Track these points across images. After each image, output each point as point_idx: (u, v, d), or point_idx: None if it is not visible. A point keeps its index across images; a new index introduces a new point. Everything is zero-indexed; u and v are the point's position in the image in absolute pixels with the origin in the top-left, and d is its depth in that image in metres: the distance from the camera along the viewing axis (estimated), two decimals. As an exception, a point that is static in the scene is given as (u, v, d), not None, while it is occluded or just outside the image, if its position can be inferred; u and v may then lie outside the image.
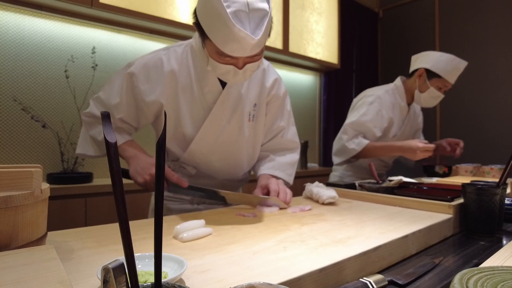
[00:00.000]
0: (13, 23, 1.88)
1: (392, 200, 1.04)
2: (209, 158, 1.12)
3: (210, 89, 1.05)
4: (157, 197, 0.31)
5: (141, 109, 1.06)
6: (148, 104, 1.03)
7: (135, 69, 1.03)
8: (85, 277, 0.48)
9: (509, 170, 0.86)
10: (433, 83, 1.76)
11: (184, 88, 1.05)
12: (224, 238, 0.68)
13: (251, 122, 1.14)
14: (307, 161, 3.10)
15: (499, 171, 1.81)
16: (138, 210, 1.98)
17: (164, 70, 1.03)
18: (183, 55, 1.07)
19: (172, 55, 1.06)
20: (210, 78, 1.04)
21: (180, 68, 1.05)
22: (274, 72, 1.22)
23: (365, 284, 0.53)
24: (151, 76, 1.03)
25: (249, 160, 1.20)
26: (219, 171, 1.16)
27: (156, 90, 1.03)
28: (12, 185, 0.49)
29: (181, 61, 1.06)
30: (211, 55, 0.93)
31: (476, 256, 0.71)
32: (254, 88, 1.14)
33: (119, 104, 1.04)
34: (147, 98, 1.03)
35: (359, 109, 1.81)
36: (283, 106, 1.23)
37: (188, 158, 1.11)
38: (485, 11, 3.30)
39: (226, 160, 1.15)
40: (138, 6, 2.05)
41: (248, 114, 1.12)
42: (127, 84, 1.03)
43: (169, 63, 1.04)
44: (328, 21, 3.38)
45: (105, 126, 0.29)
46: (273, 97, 1.19)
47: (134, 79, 1.02)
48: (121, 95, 1.03)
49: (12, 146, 1.87)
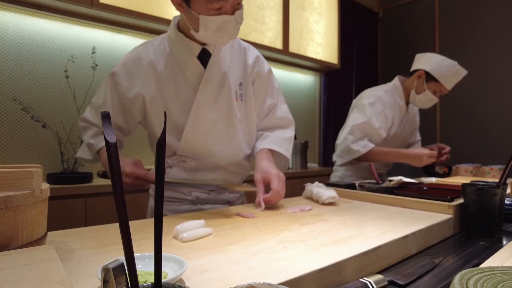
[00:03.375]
0: (13, 23, 1.88)
1: (392, 200, 1.04)
2: (206, 143, 1.10)
3: (192, 72, 1.07)
4: (157, 197, 0.31)
5: (126, 107, 1.08)
6: (132, 99, 1.06)
7: (116, 69, 1.08)
8: (85, 277, 0.48)
9: (509, 170, 0.86)
10: (429, 87, 1.78)
11: (166, 77, 1.06)
12: (224, 238, 0.68)
13: (240, 102, 1.14)
14: (307, 161, 3.10)
15: (499, 171, 1.81)
16: (138, 210, 1.98)
17: (142, 63, 1.06)
18: (160, 46, 1.09)
19: (149, 48, 1.09)
20: (191, 61, 1.06)
21: (158, 58, 1.07)
22: (255, 50, 1.23)
23: (365, 284, 0.53)
24: (131, 72, 1.07)
25: (248, 140, 1.19)
26: (219, 155, 1.12)
27: (137, 83, 1.06)
28: (12, 185, 0.49)
29: (159, 52, 1.08)
30: (201, 12, 0.94)
31: (476, 256, 0.71)
32: (236, 67, 1.15)
33: (104, 104, 1.07)
34: (129, 93, 1.06)
35: (362, 111, 1.80)
36: (270, 83, 1.23)
37: (185, 147, 1.09)
38: (485, 11, 3.30)
39: (224, 143, 1.12)
40: (138, 6, 2.06)
41: (235, 93, 1.13)
42: (110, 83, 1.08)
43: (147, 56, 1.07)
44: (328, 21, 3.38)
45: (105, 126, 0.28)
46: (257, 75, 1.19)
47: (116, 77, 1.07)
48: (106, 95, 1.07)
49: (12, 146, 1.87)
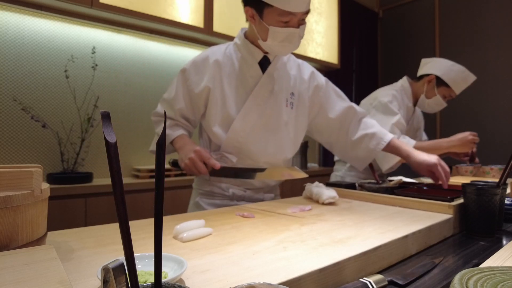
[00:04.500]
0: (13, 23, 1.88)
1: (392, 200, 1.04)
2: (249, 138, 1.18)
3: (252, 74, 1.19)
4: (157, 197, 0.31)
5: (193, 100, 1.19)
6: (199, 93, 1.17)
7: (186, 66, 1.21)
8: (85, 277, 0.48)
9: (509, 170, 0.86)
10: (440, 91, 1.78)
11: (228, 75, 1.18)
12: (224, 238, 0.68)
13: (290, 109, 1.24)
14: (307, 161, 3.10)
15: (499, 171, 1.81)
16: (138, 210, 1.98)
17: (209, 61, 1.18)
18: (226, 50, 1.22)
19: (216, 50, 1.22)
20: (253, 64, 1.19)
21: (224, 59, 1.20)
22: (309, 66, 1.36)
23: (365, 284, 0.53)
24: (199, 68, 1.19)
25: (291, 145, 1.26)
26: (259, 152, 1.20)
27: (204, 78, 1.17)
28: (12, 185, 0.49)
29: (225, 54, 1.21)
30: (271, 23, 1.06)
31: (476, 256, 0.71)
32: (290, 78, 1.27)
33: (176, 96, 1.19)
34: (197, 88, 1.17)
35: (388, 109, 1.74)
36: (333, 89, 1.36)
37: (231, 138, 1.17)
38: (485, 11, 3.30)
39: (266, 141, 1.20)
40: (138, 6, 2.06)
41: (286, 100, 1.23)
42: (181, 79, 1.20)
43: (214, 56, 1.19)
44: (328, 21, 3.38)
45: (105, 126, 0.28)
46: (317, 88, 1.31)
47: (186, 73, 1.19)
48: (177, 88, 1.20)
49: (12, 146, 1.87)
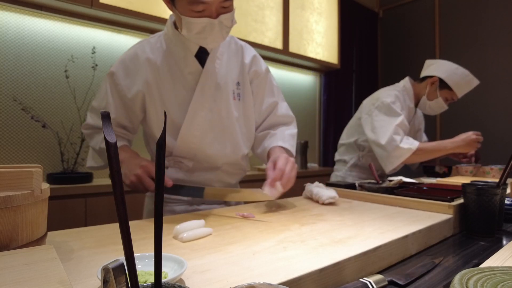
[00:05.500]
0: (13, 23, 1.88)
1: (392, 200, 1.04)
2: (203, 142, 1.09)
3: (190, 70, 1.06)
4: (157, 197, 0.31)
5: (128, 107, 1.07)
6: (132, 99, 1.05)
7: (114, 68, 1.06)
8: (85, 277, 0.48)
9: (509, 170, 0.86)
10: (442, 94, 1.78)
11: (163, 74, 1.05)
12: (224, 238, 0.68)
13: (238, 101, 1.14)
14: (307, 161, 3.10)
15: (499, 171, 1.81)
16: (138, 210, 1.97)
17: (140, 60, 1.05)
18: (157, 44, 1.08)
19: (146, 46, 1.08)
20: (189, 59, 1.05)
21: (156, 55, 1.06)
22: (252, 49, 1.22)
23: (365, 284, 0.53)
24: (129, 70, 1.05)
25: (246, 140, 1.18)
26: (216, 155, 1.11)
27: (136, 81, 1.05)
28: (12, 185, 0.49)
29: (156, 49, 1.07)
30: (184, 12, 0.92)
31: (476, 256, 0.71)
32: (234, 66, 1.15)
33: (108, 105, 1.05)
34: (129, 92, 1.04)
35: (391, 110, 1.71)
36: (268, 82, 1.22)
37: (182, 147, 1.08)
38: (485, 11, 3.30)
39: (221, 141, 1.12)
40: (138, 6, 2.06)
41: (233, 93, 1.12)
42: (110, 84, 1.06)
43: (144, 53, 1.05)
44: (328, 21, 3.38)
45: (105, 126, 0.28)
46: (255, 74, 1.19)
47: (115, 77, 1.05)
48: (107, 96, 1.06)
49: (12, 146, 1.87)
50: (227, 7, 0.93)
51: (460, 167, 1.95)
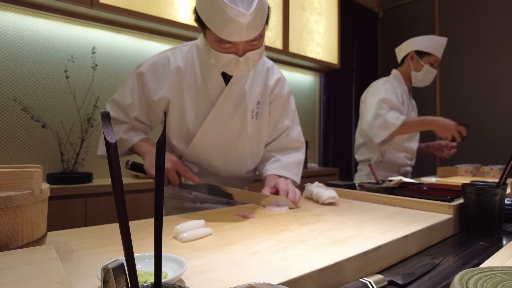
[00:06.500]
0: (13, 23, 1.88)
1: (392, 200, 1.04)
2: (211, 154, 1.13)
3: (213, 86, 1.08)
4: (156, 197, 0.31)
5: (151, 108, 1.10)
6: (157, 102, 1.08)
7: (144, 69, 1.08)
8: (85, 277, 0.48)
9: (509, 170, 0.86)
10: (425, 61, 1.90)
11: (189, 85, 1.08)
12: (224, 238, 0.68)
13: (254, 120, 1.16)
14: (307, 161, 3.10)
15: (499, 171, 1.81)
16: (138, 210, 1.98)
17: (170, 67, 1.07)
18: (188, 54, 1.11)
19: (178, 54, 1.10)
20: (214, 75, 1.07)
21: (186, 65, 1.09)
22: (278, 71, 1.24)
23: (365, 284, 0.53)
24: (158, 74, 1.08)
25: (253, 158, 1.21)
26: (221, 168, 1.16)
27: (163, 87, 1.07)
28: (12, 185, 0.49)
29: (187, 59, 1.10)
30: (212, 46, 0.96)
31: (476, 256, 0.71)
32: (257, 86, 1.16)
33: (132, 103, 1.08)
34: (155, 96, 1.07)
35: (378, 90, 1.86)
36: (287, 105, 1.25)
37: (191, 153, 1.12)
38: (485, 12, 3.30)
39: (228, 157, 1.15)
40: (138, 6, 2.05)
41: (251, 111, 1.15)
42: (137, 83, 1.08)
43: (175, 61, 1.08)
44: (328, 21, 3.38)
45: (105, 126, 0.29)
46: (276, 96, 1.21)
47: (143, 78, 1.08)
48: (133, 94, 1.08)
49: (12, 146, 1.87)
50: (255, 45, 0.95)
51: (460, 167, 1.94)
